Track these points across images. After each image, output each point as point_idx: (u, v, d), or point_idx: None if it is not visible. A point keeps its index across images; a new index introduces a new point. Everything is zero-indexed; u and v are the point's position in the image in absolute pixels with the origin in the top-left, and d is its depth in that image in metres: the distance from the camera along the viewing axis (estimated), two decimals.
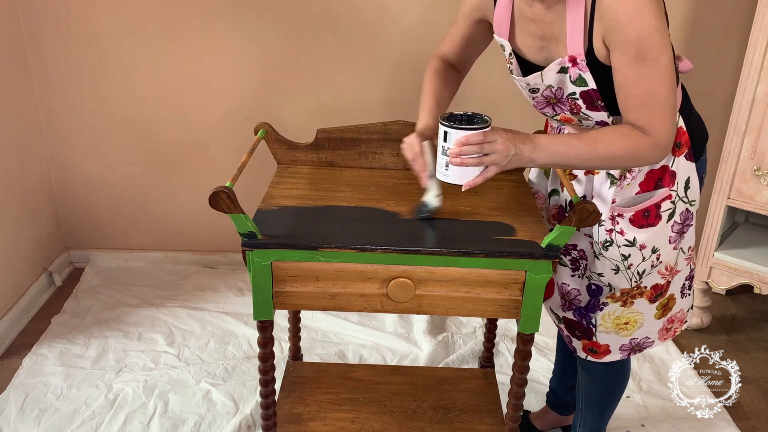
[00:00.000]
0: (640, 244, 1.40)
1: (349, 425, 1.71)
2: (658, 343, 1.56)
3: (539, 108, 1.41)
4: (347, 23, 2.45)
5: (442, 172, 1.30)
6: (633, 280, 1.44)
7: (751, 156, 2.20)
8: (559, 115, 1.38)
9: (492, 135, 1.23)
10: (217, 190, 1.25)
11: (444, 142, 1.26)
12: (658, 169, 1.38)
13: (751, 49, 2.13)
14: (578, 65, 1.26)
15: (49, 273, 2.65)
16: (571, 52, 1.26)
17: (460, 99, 1.62)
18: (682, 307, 1.56)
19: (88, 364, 2.20)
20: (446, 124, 1.25)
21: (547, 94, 1.35)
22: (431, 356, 2.26)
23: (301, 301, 1.37)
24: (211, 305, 2.55)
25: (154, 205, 2.74)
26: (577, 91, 1.30)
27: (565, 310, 1.56)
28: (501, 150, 1.23)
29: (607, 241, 1.42)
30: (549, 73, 1.31)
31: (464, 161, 1.24)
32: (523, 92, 1.42)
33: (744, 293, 2.72)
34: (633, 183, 1.38)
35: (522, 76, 1.37)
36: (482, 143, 1.23)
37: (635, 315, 1.49)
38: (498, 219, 1.44)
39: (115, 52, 2.48)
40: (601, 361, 1.56)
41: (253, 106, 2.55)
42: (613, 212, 1.39)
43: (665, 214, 1.39)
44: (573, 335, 1.58)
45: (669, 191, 1.38)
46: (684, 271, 1.50)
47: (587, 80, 1.27)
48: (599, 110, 1.32)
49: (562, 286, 1.55)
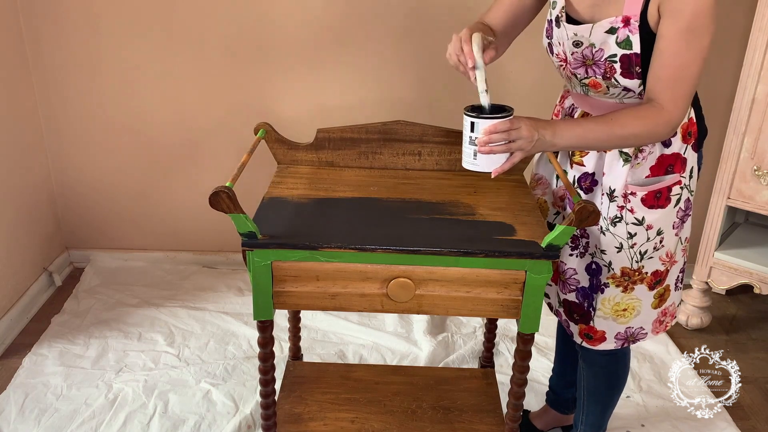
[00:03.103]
0: (647, 224, 1.42)
1: (349, 425, 1.71)
2: (650, 336, 1.58)
3: (572, 67, 1.39)
4: (347, 23, 2.45)
5: (470, 161, 1.33)
6: (634, 260, 1.46)
7: (751, 156, 2.20)
8: (589, 78, 1.38)
9: (517, 122, 1.28)
10: (217, 190, 1.25)
11: (471, 132, 1.30)
12: (670, 155, 1.40)
13: (751, 49, 2.13)
14: (629, 26, 1.29)
15: (49, 273, 2.65)
16: (627, 12, 1.28)
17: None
18: (674, 301, 1.59)
19: (88, 364, 2.20)
20: (473, 115, 1.29)
21: (586, 54, 1.36)
22: (431, 356, 2.26)
23: (301, 301, 1.37)
24: (211, 305, 2.55)
25: (154, 204, 2.74)
26: (618, 53, 1.31)
27: (566, 292, 1.56)
28: (526, 136, 1.27)
29: (616, 217, 1.43)
30: (598, 30, 1.32)
31: (493, 149, 1.28)
32: (560, 49, 1.39)
33: (744, 293, 2.73)
34: (644, 164, 1.40)
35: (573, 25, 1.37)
36: (509, 130, 1.27)
37: (634, 302, 1.51)
38: (498, 219, 1.44)
39: (115, 52, 2.48)
40: (597, 348, 1.57)
41: (253, 106, 2.55)
42: (626, 190, 1.41)
43: (674, 198, 1.43)
44: (571, 319, 1.58)
45: (679, 177, 1.42)
46: (679, 262, 1.54)
47: (633, 43, 1.29)
48: (633, 77, 1.33)
49: (559, 264, 1.55)
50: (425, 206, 1.48)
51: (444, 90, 2.53)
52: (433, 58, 2.49)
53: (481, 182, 1.61)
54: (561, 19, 1.39)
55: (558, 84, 1.67)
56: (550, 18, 1.44)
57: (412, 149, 1.65)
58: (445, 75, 2.51)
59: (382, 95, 2.55)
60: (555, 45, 1.43)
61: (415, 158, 1.66)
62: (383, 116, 2.14)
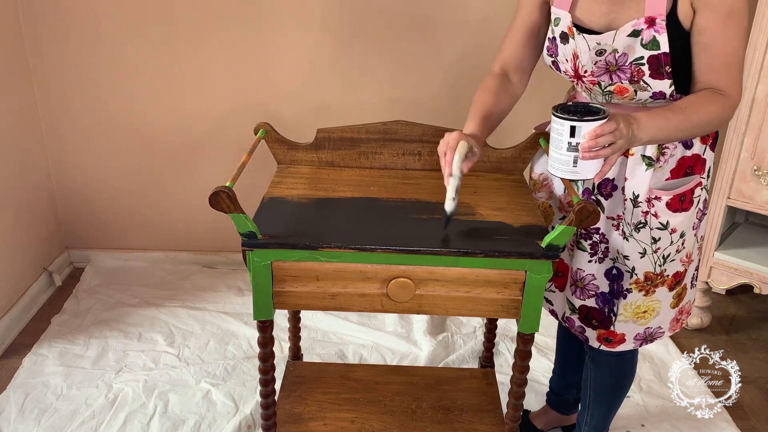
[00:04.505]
0: (671, 228, 1.42)
1: (349, 425, 1.71)
2: (667, 334, 1.58)
3: (596, 75, 1.37)
4: (347, 23, 2.45)
5: (568, 169, 1.26)
6: (657, 264, 1.45)
7: (751, 156, 2.20)
8: (614, 84, 1.36)
9: (616, 121, 1.23)
10: (217, 190, 1.25)
11: (571, 137, 1.22)
12: (690, 156, 1.40)
13: (751, 49, 2.13)
14: (655, 26, 1.27)
15: (49, 273, 2.65)
16: (650, 13, 1.27)
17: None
18: (690, 299, 1.58)
19: (88, 364, 2.20)
20: (574, 119, 1.22)
21: (609, 60, 1.34)
22: (431, 356, 2.26)
23: (301, 301, 1.37)
24: (211, 305, 2.55)
25: (154, 204, 2.74)
26: (645, 55, 1.30)
27: (584, 298, 1.54)
28: (626, 134, 1.24)
29: (641, 222, 1.42)
30: (621, 35, 1.30)
31: (598, 153, 1.23)
32: (582, 59, 1.37)
33: (744, 293, 2.73)
34: (665, 167, 1.39)
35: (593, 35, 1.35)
36: (614, 131, 1.22)
37: (654, 303, 1.50)
38: (498, 219, 1.44)
39: (115, 52, 2.48)
40: (615, 350, 1.56)
41: (253, 106, 2.55)
42: (650, 195, 1.40)
43: (696, 200, 1.42)
44: (588, 325, 1.56)
45: (700, 178, 1.42)
46: (695, 260, 1.53)
47: (660, 43, 1.28)
48: (663, 78, 1.31)
49: (576, 271, 1.53)
50: (425, 206, 1.48)
51: (444, 90, 2.53)
52: (433, 58, 2.50)
53: (481, 182, 1.61)
54: (572, 34, 1.37)
55: (557, 86, 1.67)
56: (552, 35, 1.42)
57: (412, 149, 1.65)
58: (445, 75, 2.51)
59: (382, 95, 2.55)
60: (561, 62, 1.42)
61: (415, 158, 1.66)
62: (383, 116, 2.13)
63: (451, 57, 2.49)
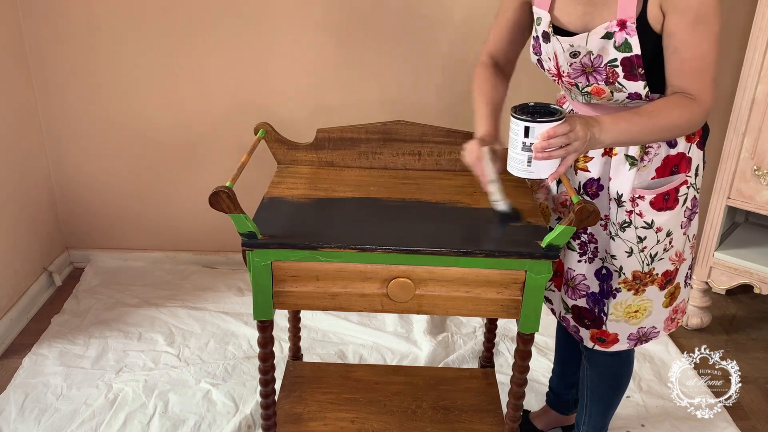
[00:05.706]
0: (657, 227, 1.42)
1: (349, 425, 1.71)
2: (662, 334, 1.58)
3: (572, 77, 1.39)
4: (347, 23, 2.45)
5: (523, 168, 1.27)
6: (645, 263, 1.45)
7: (751, 156, 2.20)
8: (591, 85, 1.37)
9: (572, 123, 1.23)
10: (217, 190, 1.25)
11: (525, 137, 1.24)
12: (675, 155, 1.40)
13: (751, 49, 2.13)
14: (626, 29, 1.28)
15: (49, 273, 2.65)
16: (621, 16, 1.27)
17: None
18: (684, 298, 1.58)
19: (88, 364, 2.20)
20: (527, 119, 1.23)
21: (585, 62, 1.35)
22: (431, 356, 2.26)
23: (301, 301, 1.37)
24: (211, 305, 2.55)
25: (154, 204, 2.74)
26: (618, 57, 1.30)
27: (576, 298, 1.55)
28: (582, 136, 1.24)
29: (625, 222, 1.43)
30: (593, 37, 1.31)
31: (551, 154, 1.23)
32: (559, 59, 1.39)
33: (744, 293, 2.72)
34: (650, 166, 1.40)
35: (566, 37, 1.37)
36: (568, 133, 1.22)
37: (645, 303, 1.50)
38: (498, 219, 1.43)
39: (114, 52, 2.48)
40: (609, 350, 1.56)
41: (253, 106, 2.55)
42: (634, 194, 1.40)
43: (681, 199, 1.42)
44: (581, 325, 1.57)
45: (685, 177, 1.42)
46: (688, 259, 1.53)
47: (632, 45, 1.28)
48: (637, 79, 1.32)
49: (567, 271, 1.54)
50: (425, 206, 1.48)
51: (444, 90, 2.53)
52: (433, 58, 2.50)
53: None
54: (550, 34, 1.38)
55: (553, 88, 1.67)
56: (536, 35, 1.43)
57: (412, 149, 1.65)
58: (445, 75, 2.51)
59: (382, 95, 2.55)
60: (545, 60, 1.43)
61: (415, 158, 1.66)
62: (383, 116, 2.14)
63: (451, 57, 2.49)
